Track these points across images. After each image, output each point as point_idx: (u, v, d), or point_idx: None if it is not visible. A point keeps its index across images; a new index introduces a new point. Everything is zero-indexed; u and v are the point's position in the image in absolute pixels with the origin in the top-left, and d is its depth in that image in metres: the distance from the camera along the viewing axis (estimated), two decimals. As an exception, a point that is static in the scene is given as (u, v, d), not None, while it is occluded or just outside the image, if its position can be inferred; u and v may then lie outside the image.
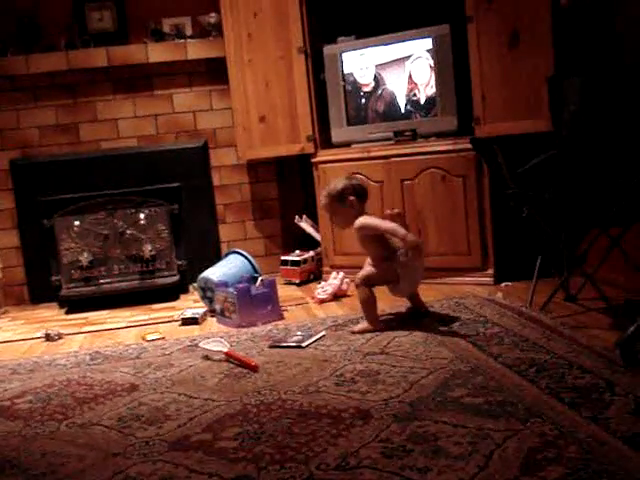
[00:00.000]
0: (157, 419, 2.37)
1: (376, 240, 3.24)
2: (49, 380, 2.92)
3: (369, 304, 3.22)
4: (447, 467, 1.83)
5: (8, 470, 2.09)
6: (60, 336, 3.70)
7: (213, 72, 4.74)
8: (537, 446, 1.89)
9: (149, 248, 4.55)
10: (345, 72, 4.33)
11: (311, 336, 3.13)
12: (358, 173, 4.22)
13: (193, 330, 3.62)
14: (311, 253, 4.55)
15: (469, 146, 3.66)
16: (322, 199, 3.37)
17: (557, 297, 3.31)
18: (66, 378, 2.93)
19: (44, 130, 4.68)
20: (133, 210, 4.58)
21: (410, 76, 4.15)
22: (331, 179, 4.29)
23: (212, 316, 3.81)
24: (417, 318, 3.32)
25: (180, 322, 3.75)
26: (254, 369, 2.77)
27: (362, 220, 3.24)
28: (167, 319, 3.88)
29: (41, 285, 4.64)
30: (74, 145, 4.71)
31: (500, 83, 3.75)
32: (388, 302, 3.52)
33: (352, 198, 3.27)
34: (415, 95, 4.16)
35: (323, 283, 4.09)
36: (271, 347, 3.07)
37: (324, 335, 3.16)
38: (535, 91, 3.61)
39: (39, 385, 2.87)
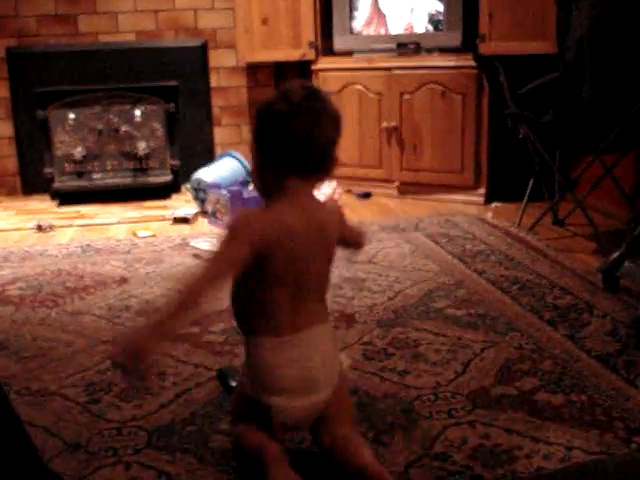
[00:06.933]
0: (146, 311, 2.42)
1: None
2: (40, 269, 2.96)
3: None
4: (425, 372, 1.90)
5: (-1, 351, 2.15)
6: (52, 228, 3.72)
7: (217, -31, 4.63)
8: (514, 358, 1.96)
9: (143, 146, 4.52)
10: (352, -22, 4.24)
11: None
12: (358, 83, 4.19)
13: (184, 229, 3.65)
14: (305, 161, 4.54)
15: (472, 63, 3.63)
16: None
17: (545, 220, 3.35)
18: (57, 268, 2.97)
19: (42, 19, 4.57)
20: (129, 106, 4.52)
21: (417, -13, 4.07)
22: (332, 88, 4.27)
23: (203, 217, 3.83)
24: None
25: (171, 221, 3.78)
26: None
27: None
28: (159, 217, 3.89)
29: (34, 176, 4.62)
30: (72, 37, 4.62)
31: (509, 1, 3.67)
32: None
33: None
34: (421, 7, 4.08)
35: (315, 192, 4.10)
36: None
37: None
38: (543, 12, 3.55)
39: (31, 273, 2.91)
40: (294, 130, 1.37)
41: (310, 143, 1.38)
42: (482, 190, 3.94)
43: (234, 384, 1.78)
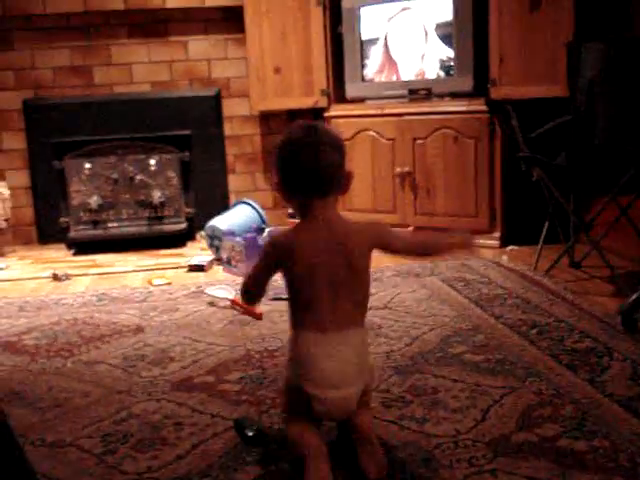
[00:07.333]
0: (161, 360, 2.41)
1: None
2: (56, 318, 2.97)
3: None
4: (445, 419, 1.87)
5: (15, 402, 2.13)
6: (67, 277, 3.73)
7: (229, 20, 4.70)
8: (534, 404, 1.93)
9: (158, 194, 4.56)
10: (362, 27, 4.29)
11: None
12: (370, 129, 4.22)
13: (199, 277, 3.65)
14: (319, 207, 4.54)
15: (483, 108, 3.65)
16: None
17: (562, 263, 3.33)
18: (73, 317, 2.97)
19: (58, 71, 4.66)
20: (144, 156, 4.58)
21: (428, 34, 4.12)
22: (344, 134, 4.29)
23: (218, 264, 3.83)
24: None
25: (187, 269, 3.78)
26: (258, 317, 2.81)
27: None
28: (174, 265, 3.90)
29: (50, 226, 4.67)
30: (87, 88, 4.70)
31: (519, 46, 3.71)
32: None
33: None
34: (432, 54, 4.12)
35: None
36: (273, 300, 3.06)
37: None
38: (553, 56, 3.58)
39: (46, 323, 2.91)
40: (299, 166, 1.67)
41: (316, 172, 1.66)
42: (497, 234, 3.93)
43: (251, 434, 1.77)
